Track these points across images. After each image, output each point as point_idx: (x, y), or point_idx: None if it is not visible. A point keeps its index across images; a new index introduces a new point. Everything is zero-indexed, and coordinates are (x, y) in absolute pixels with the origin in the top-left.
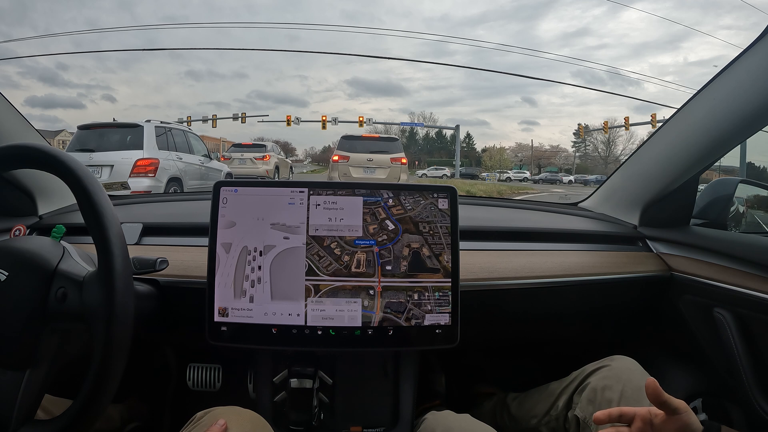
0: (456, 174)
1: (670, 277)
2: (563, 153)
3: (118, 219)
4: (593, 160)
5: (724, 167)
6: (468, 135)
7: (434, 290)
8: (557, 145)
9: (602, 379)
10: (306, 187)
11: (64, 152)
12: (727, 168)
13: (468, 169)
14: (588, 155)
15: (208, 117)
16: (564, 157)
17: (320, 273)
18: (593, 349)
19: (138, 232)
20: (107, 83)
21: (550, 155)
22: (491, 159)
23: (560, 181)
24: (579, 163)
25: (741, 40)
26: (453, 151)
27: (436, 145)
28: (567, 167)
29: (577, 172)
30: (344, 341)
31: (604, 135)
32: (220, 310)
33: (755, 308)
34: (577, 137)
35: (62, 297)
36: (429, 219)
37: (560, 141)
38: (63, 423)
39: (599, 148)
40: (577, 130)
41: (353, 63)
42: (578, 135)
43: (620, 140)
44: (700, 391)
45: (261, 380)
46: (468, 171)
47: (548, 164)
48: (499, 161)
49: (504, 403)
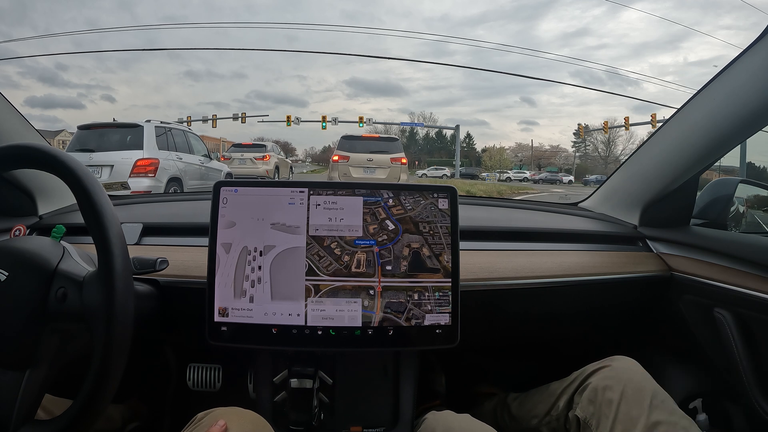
0: (456, 174)
1: (670, 277)
2: (563, 153)
3: (118, 219)
4: (593, 160)
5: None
6: (468, 135)
7: (434, 290)
8: (557, 145)
9: (603, 379)
10: (306, 187)
11: (64, 152)
12: (727, 168)
13: (468, 169)
14: (588, 155)
15: (208, 117)
16: (564, 157)
17: (320, 273)
18: (594, 349)
19: (138, 232)
20: (107, 83)
21: (550, 155)
22: (491, 159)
23: (560, 181)
24: (579, 163)
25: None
26: (453, 151)
27: (436, 145)
28: (567, 167)
29: (576, 172)
30: (344, 341)
31: (604, 135)
32: (220, 310)
33: (755, 308)
34: (577, 137)
35: (62, 297)
36: (429, 219)
37: (560, 141)
38: (63, 423)
39: (599, 148)
40: (577, 130)
41: (353, 63)
42: (578, 135)
43: (620, 140)
44: (700, 391)
45: (261, 380)
46: (468, 171)
47: (548, 164)
48: (499, 161)
49: (505, 403)
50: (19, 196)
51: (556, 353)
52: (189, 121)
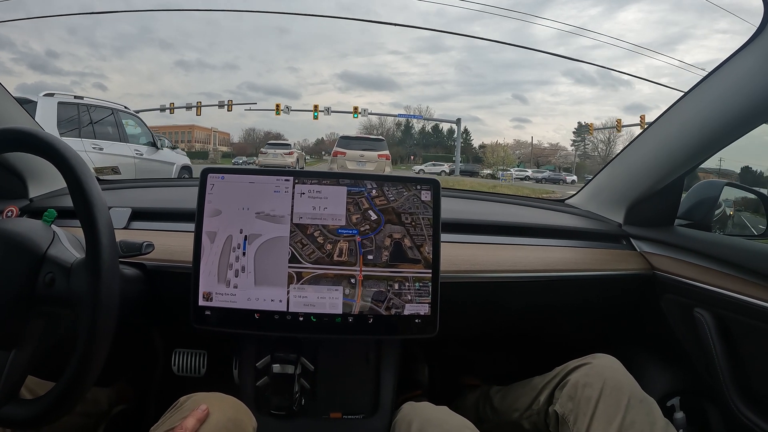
0: (456, 171)
1: (652, 276)
2: (562, 151)
3: (107, 208)
4: (592, 159)
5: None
6: (465, 130)
7: (414, 281)
8: (556, 143)
9: (583, 376)
10: (291, 176)
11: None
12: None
13: (467, 165)
14: (587, 154)
15: (192, 104)
16: (563, 155)
17: (303, 261)
18: (577, 345)
19: (127, 217)
20: (101, 71)
21: (549, 153)
22: (494, 155)
23: (563, 180)
24: (579, 162)
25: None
26: (449, 146)
27: (432, 140)
28: (566, 166)
29: (576, 172)
30: (325, 328)
31: (605, 134)
32: (205, 294)
33: (734, 309)
34: (577, 136)
35: (50, 282)
36: (411, 210)
37: (557, 139)
38: (46, 403)
39: (599, 147)
40: (578, 129)
41: (348, 56)
42: (578, 133)
43: (620, 140)
44: (678, 389)
45: (244, 365)
46: (468, 167)
47: (546, 162)
48: (503, 158)
49: (487, 396)
50: (10, 178)
51: (540, 348)
52: (172, 108)
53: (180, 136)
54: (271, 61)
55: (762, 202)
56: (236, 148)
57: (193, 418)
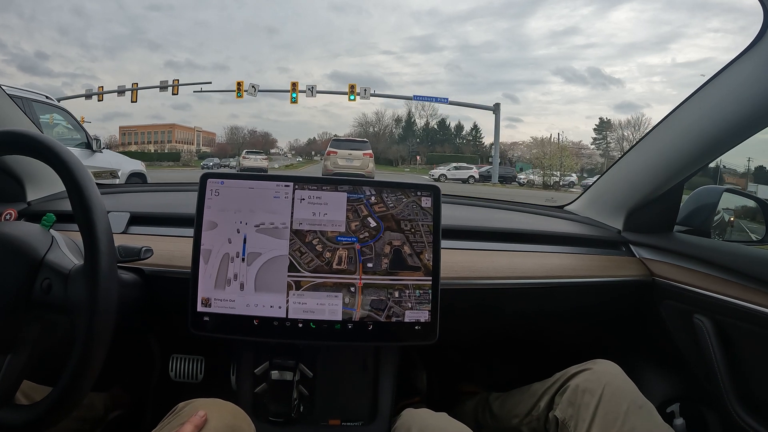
0: (494, 177)
1: (651, 282)
2: (585, 150)
3: (106, 212)
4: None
5: None
6: (475, 126)
7: (415, 288)
8: (579, 141)
9: (584, 381)
10: (291, 182)
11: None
12: None
13: (503, 168)
14: (608, 153)
15: (126, 87)
16: (587, 155)
17: (301, 269)
18: (576, 351)
19: (125, 221)
20: (93, 72)
21: (573, 153)
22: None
23: None
24: (604, 163)
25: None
26: (458, 145)
27: (438, 137)
28: (590, 167)
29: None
30: (325, 335)
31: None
32: (203, 300)
33: (733, 315)
34: (598, 133)
35: (47, 288)
36: (411, 217)
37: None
38: (41, 409)
39: (623, 145)
40: (599, 125)
41: (339, 56)
42: (599, 130)
43: None
44: (678, 396)
45: (243, 371)
46: (503, 172)
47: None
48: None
49: (486, 402)
50: (8, 181)
51: (539, 354)
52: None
53: (158, 136)
54: (262, 61)
55: (761, 209)
56: (219, 148)
57: (190, 424)
